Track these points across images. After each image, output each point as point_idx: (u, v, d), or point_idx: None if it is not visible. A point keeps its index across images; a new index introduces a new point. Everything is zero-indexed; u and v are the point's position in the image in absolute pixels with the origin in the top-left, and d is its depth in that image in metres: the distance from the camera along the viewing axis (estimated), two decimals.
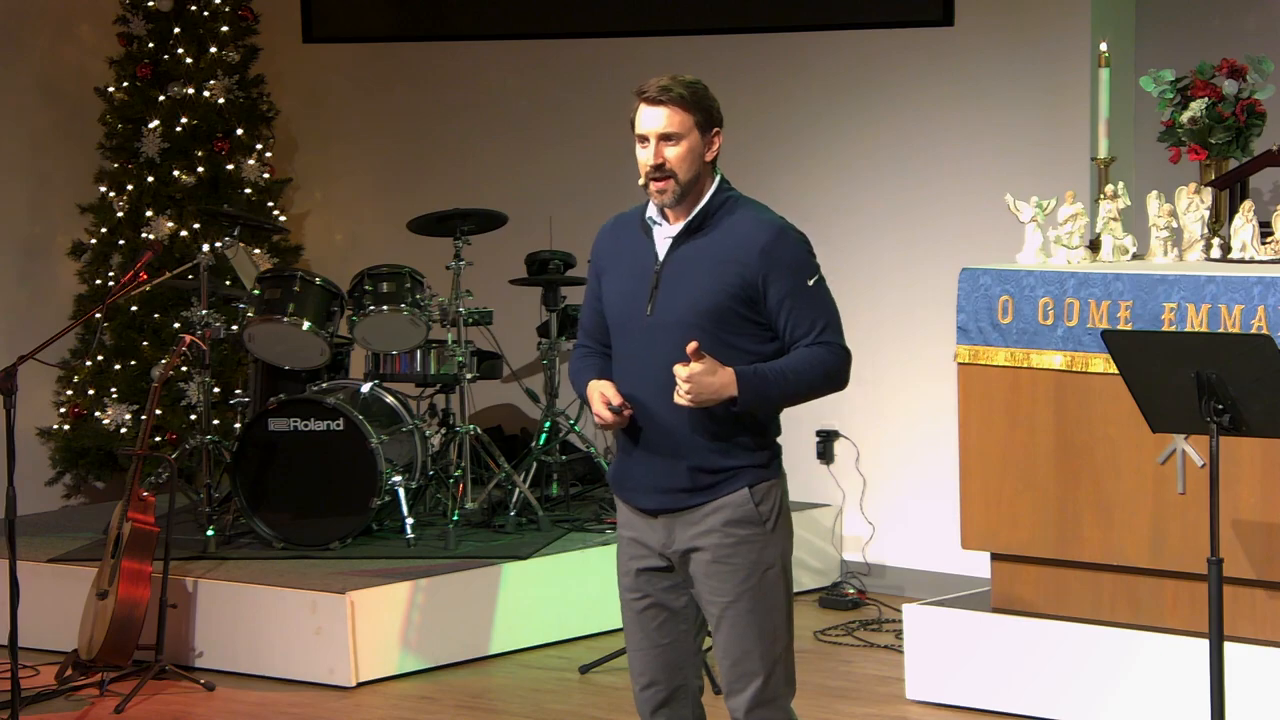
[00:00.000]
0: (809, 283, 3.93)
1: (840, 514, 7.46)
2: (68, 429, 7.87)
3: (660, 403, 3.87)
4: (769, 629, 3.91)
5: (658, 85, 3.95)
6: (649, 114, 3.95)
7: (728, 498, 3.89)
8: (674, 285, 3.91)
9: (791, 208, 7.61)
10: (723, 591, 3.90)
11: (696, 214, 3.95)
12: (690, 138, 3.95)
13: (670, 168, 3.93)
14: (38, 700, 5.93)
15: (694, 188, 3.95)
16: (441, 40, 8.31)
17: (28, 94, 8.13)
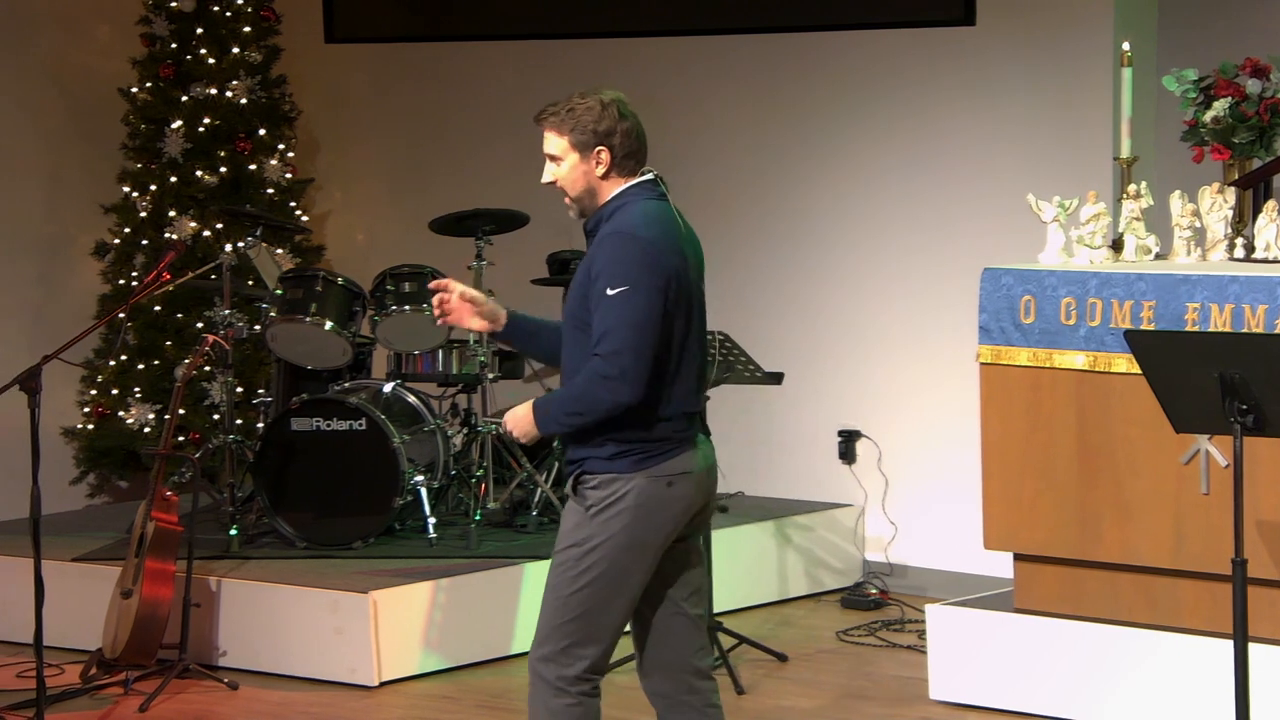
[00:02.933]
0: (609, 291, 4.10)
1: (862, 514, 7.46)
2: (91, 428, 7.89)
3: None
4: (557, 597, 4.21)
5: (543, 109, 4.26)
6: (544, 137, 4.28)
7: (575, 476, 4.22)
8: (571, 288, 4.24)
9: (811, 208, 7.65)
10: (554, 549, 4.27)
11: (588, 223, 4.26)
12: (569, 158, 4.23)
13: (559, 186, 4.25)
14: (62, 699, 5.95)
15: (595, 199, 4.24)
16: (462, 40, 8.32)
17: (49, 95, 8.16)
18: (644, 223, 4.17)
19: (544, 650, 4.24)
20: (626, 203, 4.22)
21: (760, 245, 7.70)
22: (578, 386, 4.14)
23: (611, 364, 4.07)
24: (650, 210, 4.22)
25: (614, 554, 4.18)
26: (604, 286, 4.09)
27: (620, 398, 4.08)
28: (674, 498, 4.19)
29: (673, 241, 4.22)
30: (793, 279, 7.63)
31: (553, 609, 4.22)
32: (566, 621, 4.21)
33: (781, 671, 6.33)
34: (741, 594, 7.04)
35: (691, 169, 7.86)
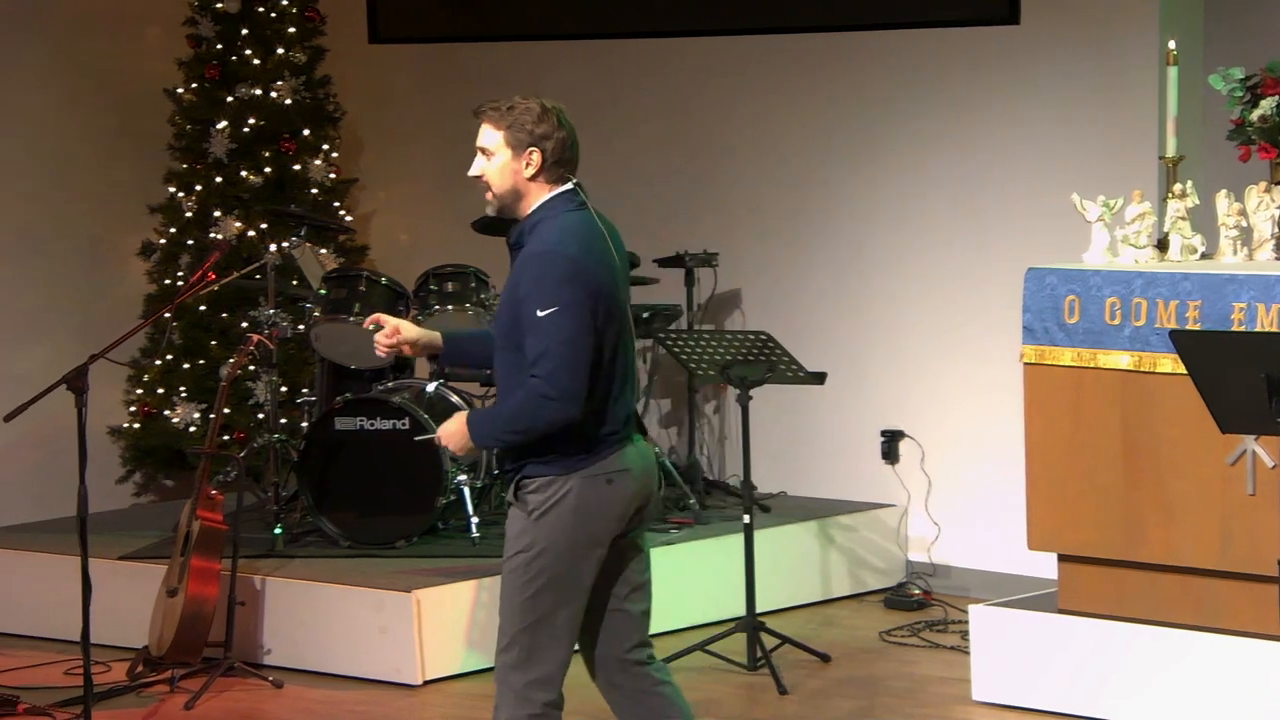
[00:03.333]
0: (539, 313, 4.14)
1: (905, 514, 7.44)
2: (137, 427, 7.93)
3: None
4: (511, 604, 4.26)
5: (484, 103, 4.34)
6: (480, 129, 4.34)
7: (515, 482, 4.28)
8: (499, 308, 4.32)
9: (855, 208, 7.64)
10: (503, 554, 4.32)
11: (511, 233, 4.31)
12: (501, 154, 4.28)
13: (484, 179, 4.29)
14: (109, 696, 5.98)
15: (519, 201, 4.29)
16: (504, 40, 8.33)
17: (96, 96, 8.21)
18: (566, 239, 4.21)
19: (508, 657, 4.29)
20: (547, 216, 4.26)
21: (804, 245, 7.69)
22: (517, 405, 4.19)
23: (550, 384, 4.13)
24: (571, 224, 4.26)
25: (561, 556, 4.24)
26: (534, 309, 4.13)
27: (560, 416, 4.16)
28: (614, 495, 4.26)
29: (596, 254, 4.27)
30: (836, 279, 7.62)
31: (509, 616, 4.27)
32: (525, 628, 4.26)
33: (824, 672, 6.32)
34: (784, 594, 7.03)
35: (735, 169, 7.86)
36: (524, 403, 4.19)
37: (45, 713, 5.79)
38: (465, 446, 4.30)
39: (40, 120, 8.05)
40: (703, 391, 7.83)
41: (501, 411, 4.26)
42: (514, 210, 4.30)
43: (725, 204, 7.87)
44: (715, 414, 7.89)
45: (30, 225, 8.03)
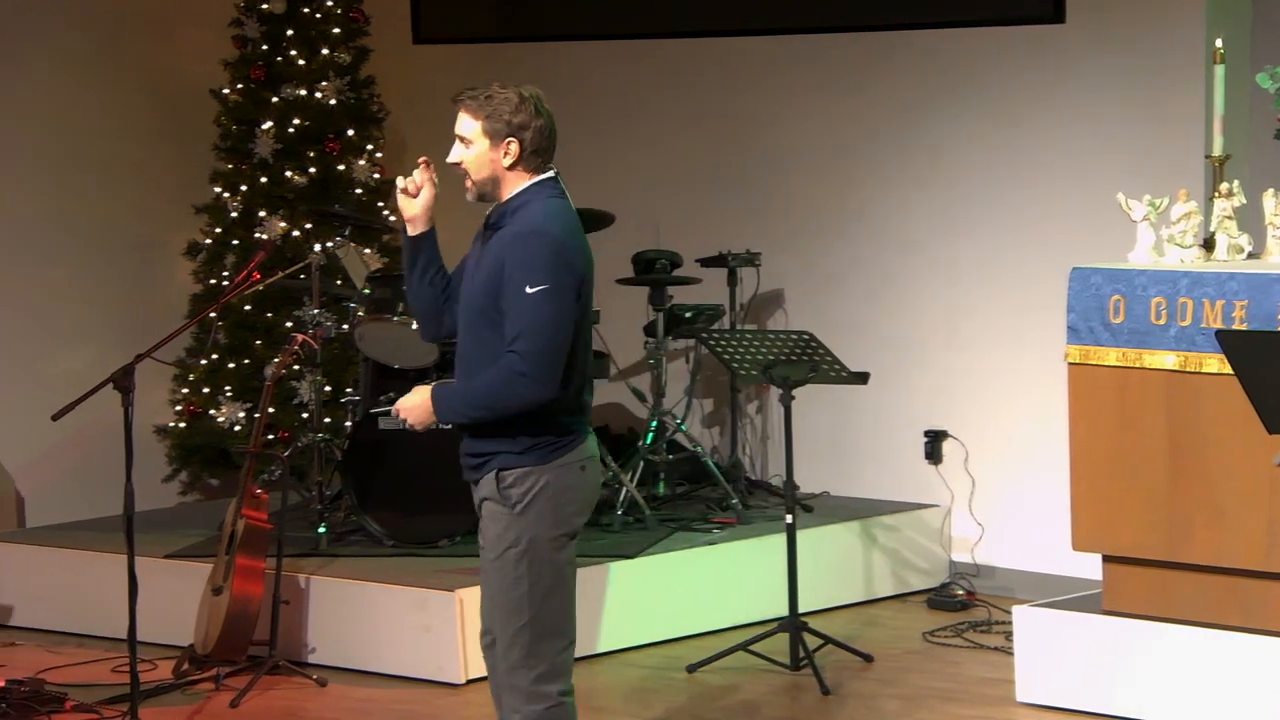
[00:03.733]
0: (527, 289, 4.17)
1: (948, 515, 7.41)
2: (183, 427, 7.98)
3: (455, 376, 4.33)
4: (505, 603, 4.27)
5: (462, 91, 4.34)
6: (457, 117, 4.34)
7: (484, 478, 4.28)
8: (470, 277, 4.33)
9: (898, 207, 7.62)
10: (483, 555, 4.33)
11: (492, 213, 4.34)
12: (479, 143, 4.31)
13: (463, 167, 4.33)
14: (156, 694, 6.02)
15: (497, 188, 4.33)
16: (548, 40, 8.34)
17: (143, 97, 8.26)
18: (555, 222, 4.26)
19: (511, 659, 4.29)
20: (531, 200, 4.30)
21: (848, 244, 7.68)
22: (490, 382, 4.20)
23: (529, 362, 4.15)
24: (556, 209, 4.31)
25: (545, 547, 4.28)
26: (522, 284, 4.16)
27: (536, 395, 4.18)
28: (587, 482, 4.33)
29: (580, 241, 4.32)
30: (880, 278, 7.60)
31: (505, 617, 4.28)
32: (524, 625, 4.27)
33: (867, 672, 6.31)
34: (827, 594, 7.02)
35: (779, 169, 7.85)
36: (499, 379, 4.19)
37: (93, 710, 5.83)
38: (427, 421, 4.28)
39: (87, 121, 8.10)
40: (745, 391, 7.83)
41: (473, 387, 4.25)
42: (493, 198, 4.36)
43: (769, 204, 7.86)
44: (758, 414, 7.89)
45: (76, 226, 8.09)
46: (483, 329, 4.26)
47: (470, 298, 4.31)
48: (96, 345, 7.88)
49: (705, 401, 8.01)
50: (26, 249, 7.94)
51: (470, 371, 4.29)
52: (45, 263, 7.99)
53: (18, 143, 7.89)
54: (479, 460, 4.31)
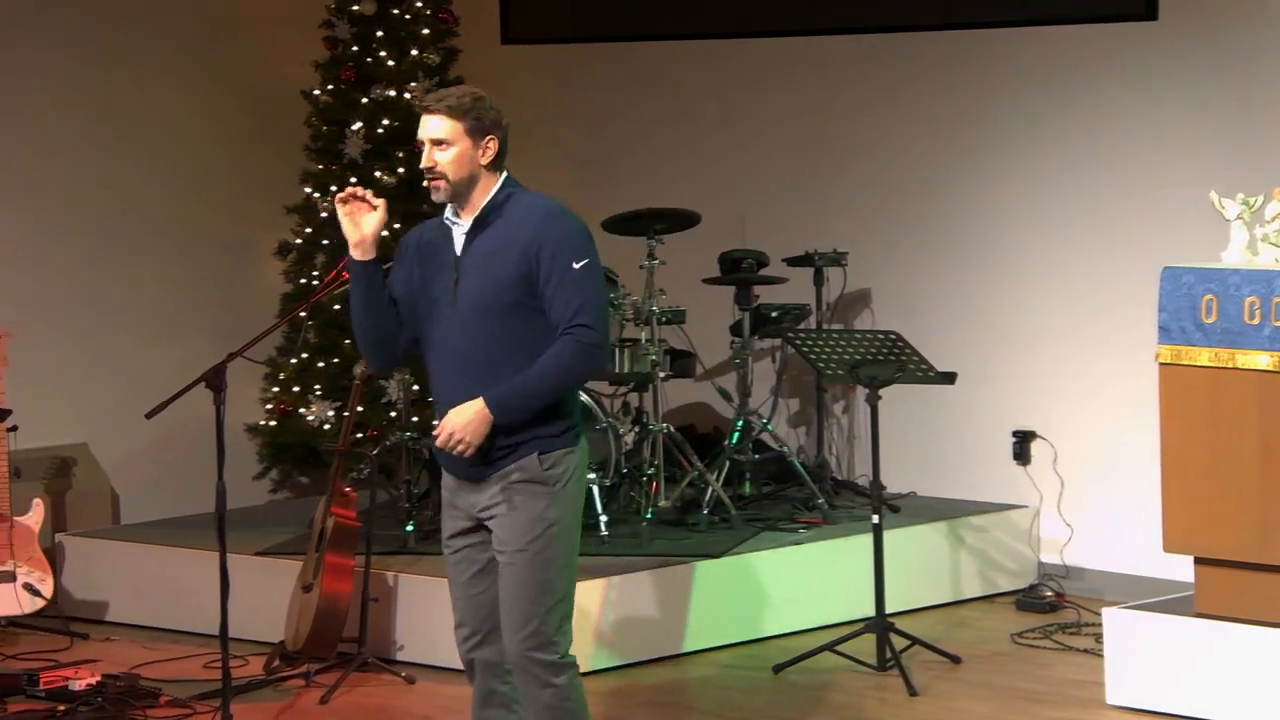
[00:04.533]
0: (575, 265, 4.27)
1: (1037, 515, 7.36)
2: (273, 425, 8.04)
3: (464, 384, 4.32)
4: (546, 580, 4.32)
5: (434, 96, 4.37)
6: (424, 122, 4.35)
7: (520, 461, 4.33)
8: (471, 276, 4.33)
9: (987, 206, 7.56)
10: (510, 542, 4.34)
11: (482, 209, 4.36)
12: (460, 143, 4.34)
13: (440, 170, 4.33)
14: (247, 690, 6.08)
15: (473, 187, 4.35)
16: (635, 40, 8.36)
17: (235, 98, 8.35)
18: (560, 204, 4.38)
19: (539, 637, 4.34)
20: (514, 192, 4.40)
21: (936, 244, 7.64)
22: (559, 362, 4.25)
23: (597, 333, 4.25)
24: (543, 196, 4.42)
25: (576, 526, 4.41)
26: (569, 260, 4.26)
27: (600, 365, 4.32)
28: (586, 460, 4.47)
29: None
30: (967, 278, 7.56)
31: (538, 595, 4.32)
32: (558, 603, 4.36)
33: (955, 673, 6.27)
34: (914, 595, 6.99)
35: (867, 169, 7.82)
36: (569, 356, 4.26)
37: (185, 705, 5.90)
38: (484, 432, 4.28)
39: (179, 122, 8.20)
40: (831, 391, 7.80)
41: (537, 375, 4.26)
42: (465, 198, 4.37)
43: (856, 204, 7.83)
44: (844, 414, 7.86)
45: (170, 226, 8.19)
46: (512, 319, 4.28)
47: (484, 295, 4.31)
48: (189, 344, 7.98)
49: (791, 401, 7.99)
50: (121, 250, 8.04)
51: (498, 369, 4.29)
52: (139, 263, 8.10)
53: (112, 145, 7.99)
54: (513, 446, 4.31)
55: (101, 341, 7.95)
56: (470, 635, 4.51)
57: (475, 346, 4.32)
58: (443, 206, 4.44)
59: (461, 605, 4.51)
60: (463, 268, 4.34)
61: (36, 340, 7.48)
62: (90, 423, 7.83)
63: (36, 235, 7.79)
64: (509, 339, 4.29)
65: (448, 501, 4.51)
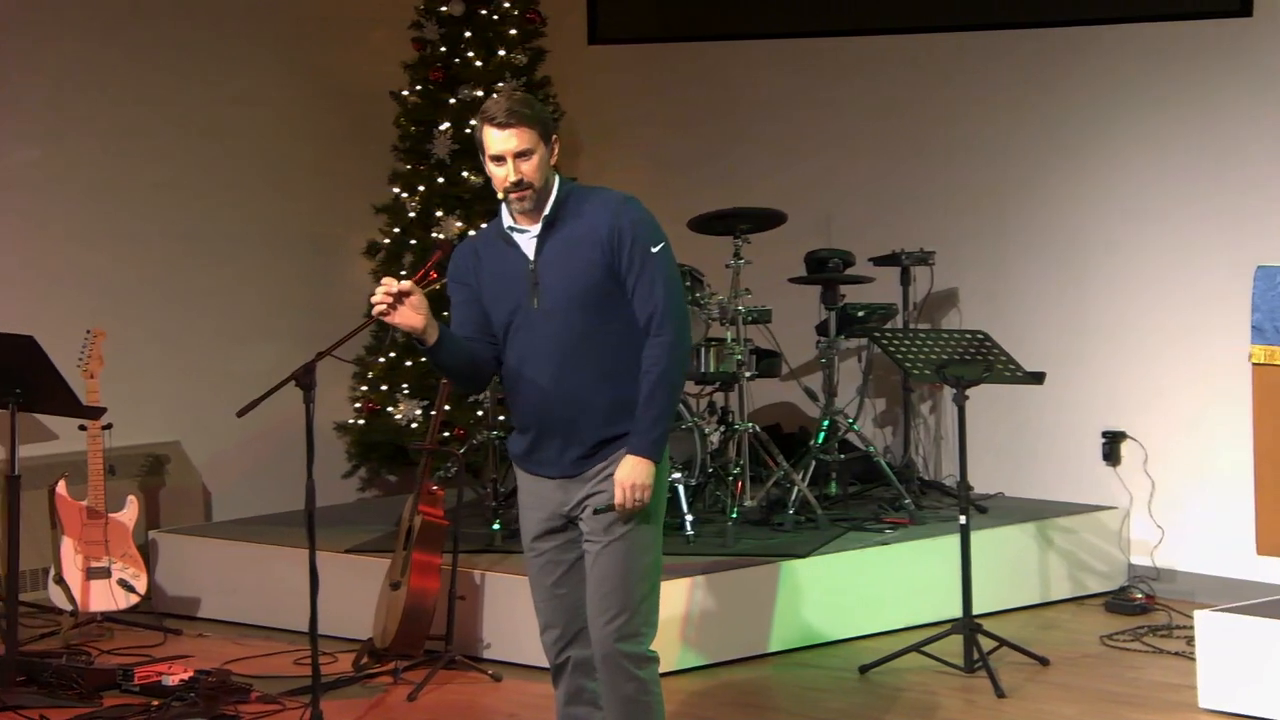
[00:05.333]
0: (653, 249, 4.34)
1: (1127, 517, 7.29)
2: (362, 424, 8.11)
3: (558, 385, 4.36)
4: (637, 569, 4.36)
5: (504, 110, 4.34)
6: (501, 136, 4.34)
7: (614, 457, 4.36)
8: (550, 275, 4.36)
9: (1077, 206, 7.50)
10: (600, 535, 4.38)
11: (550, 210, 4.38)
12: (539, 150, 4.36)
13: (528, 180, 4.35)
14: (336, 686, 6.12)
15: (546, 191, 4.40)
16: (723, 40, 8.35)
17: (324, 98, 8.43)
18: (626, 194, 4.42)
19: (628, 628, 4.37)
20: (572, 187, 4.42)
21: (1025, 243, 7.59)
22: (660, 374, 4.30)
23: (678, 326, 4.32)
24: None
25: (661, 519, 4.44)
26: (648, 245, 4.33)
27: (690, 350, 4.41)
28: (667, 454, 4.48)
29: None
30: (1057, 277, 7.50)
31: (631, 587, 4.35)
32: (647, 594, 4.39)
33: (1043, 675, 6.23)
34: (1002, 596, 6.95)
35: (957, 167, 7.78)
36: (669, 359, 4.31)
37: (276, 701, 5.95)
38: (650, 478, 4.32)
39: (270, 122, 8.29)
40: (918, 391, 7.77)
41: (653, 392, 4.30)
42: (540, 204, 4.37)
43: (944, 203, 7.79)
44: (931, 413, 7.82)
45: (261, 226, 8.27)
46: (599, 308, 4.33)
47: (568, 291, 4.33)
48: (279, 343, 8.05)
49: (878, 401, 7.96)
50: (213, 250, 8.14)
51: (591, 358, 4.33)
52: (230, 263, 8.18)
53: (203, 146, 8.09)
54: (608, 443, 4.35)
55: (194, 341, 8.04)
56: (559, 637, 4.52)
57: (567, 342, 4.35)
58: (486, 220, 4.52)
59: (548, 608, 4.52)
60: (541, 269, 4.37)
61: (131, 340, 7.58)
62: (183, 421, 7.92)
63: (131, 236, 7.89)
64: (599, 328, 4.34)
65: (530, 504, 4.52)
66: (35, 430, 7.38)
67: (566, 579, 4.48)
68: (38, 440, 7.39)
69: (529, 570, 4.56)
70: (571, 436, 4.38)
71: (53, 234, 7.67)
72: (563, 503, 4.45)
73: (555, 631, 4.52)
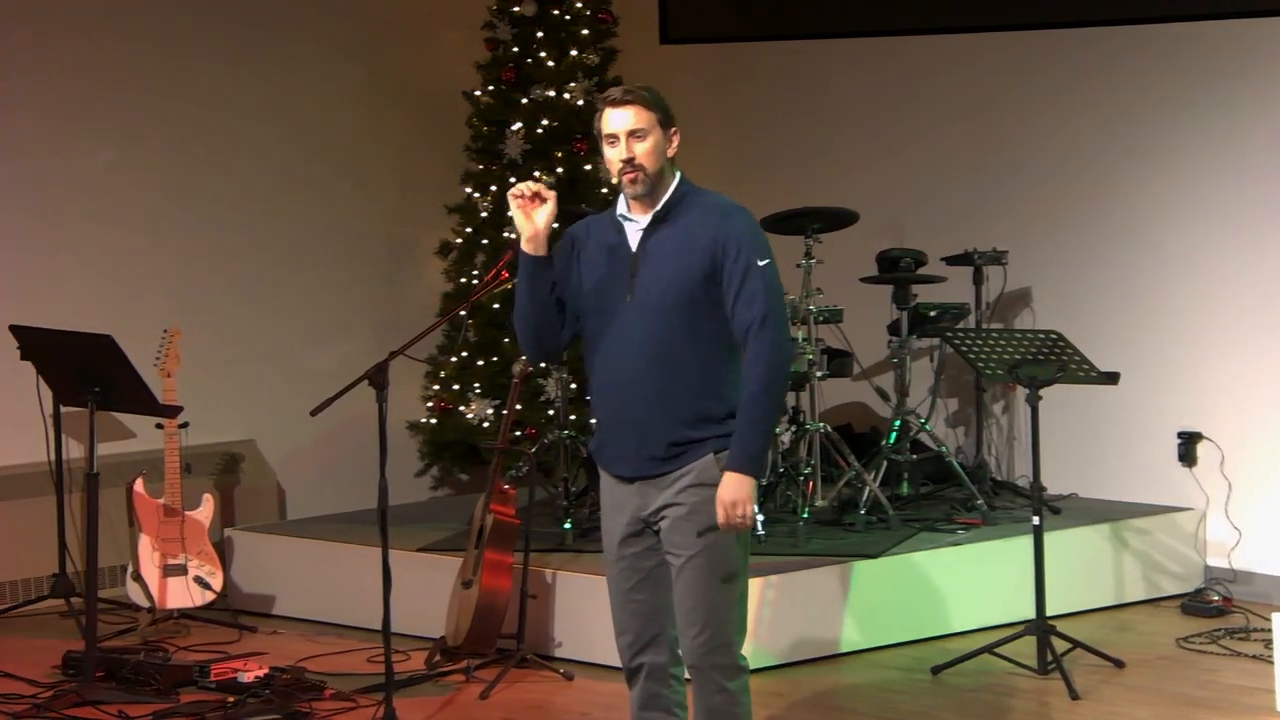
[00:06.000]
0: (759, 262, 4.28)
1: (1204, 518, 7.23)
2: (434, 423, 8.15)
3: (638, 382, 4.31)
4: (724, 583, 4.32)
5: (622, 90, 4.35)
6: (617, 115, 4.33)
7: (696, 462, 4.31)
8: (648, 272, 4.32)
9: (1154, 206, 7.44)
10: (686, 545, 4.32)
11: (662, 206, 4.35)
12: (655, 133, 4.33)
13: (639, 161, 4.32)
14: (409, 684, 6.15)
15: (660, 182, 4.34)
16: (793, 39, 8.34)
17: (399, 100, 8.48)
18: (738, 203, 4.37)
19: (717, 640, 4.33)
20: (689, 188, 4.39)
21: (1101, 243, 7.53)
22: (762, 384, 4.23)
23: (782, 337, 4.26)
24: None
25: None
26: (753, 257, 4.27)
27: (791, 361, 4.37)
28: None
29: None
30: (1132, 277, 7.44)
31: (721, 597, 4.31)
32: (735, 605, 4.35)
33: (1118, 678, 6.18)
34: (1075, 597, 6.90)
35: (1027, 166, 7.73)
36: (770, 369, 4.24)
37: (349, 698, 5.99)
38: (753, 493, 4.26)
39: (344, 124, 8.34)
40: (991, 391, 7.73)
41: (755, 402, 4.23)
42: (654, 193, 4.34)
43: (1019, 203, 7.75)
44: (1003, 414, 7.78)
45: (335, 226, 8.33)
46: (693, 314, 4.28)
47: (664, 291, 4.29)
48: (353, 342, 8.11)
49: (950, 401, 7.93)
50: (287, 249, 8.20)
51: (678, 362, 4.29)
52: (306, 263, 8.25)
53: (278, 146, 8.15)
54: (689, 446, 4.30)
55: (268, 340, 8.11)
56: (633, 643, 4.49)
57: (655, 341, 4.31)
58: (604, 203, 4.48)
59: (624, 613, 4.48)
60: (640, 263, 4.33)
61: (207, 339, 7.66)
62: (258, 419, 7.99)
63: (206, 236, 7.97)
64: (689, 333, 4.30)
65: (611, 506, 4.47)
66: (113, 429, 7.47)
67: (644, 585, 4.44)
68: (116, 439, 7.47)
69: (607, 575, 4.51)
70: (646, 436, 4.33)
71: (131, 234, 7.75)
72: (640, 507, 4.41)
73: (629, 637, 4.49)
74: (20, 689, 6.09)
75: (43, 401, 6.96)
